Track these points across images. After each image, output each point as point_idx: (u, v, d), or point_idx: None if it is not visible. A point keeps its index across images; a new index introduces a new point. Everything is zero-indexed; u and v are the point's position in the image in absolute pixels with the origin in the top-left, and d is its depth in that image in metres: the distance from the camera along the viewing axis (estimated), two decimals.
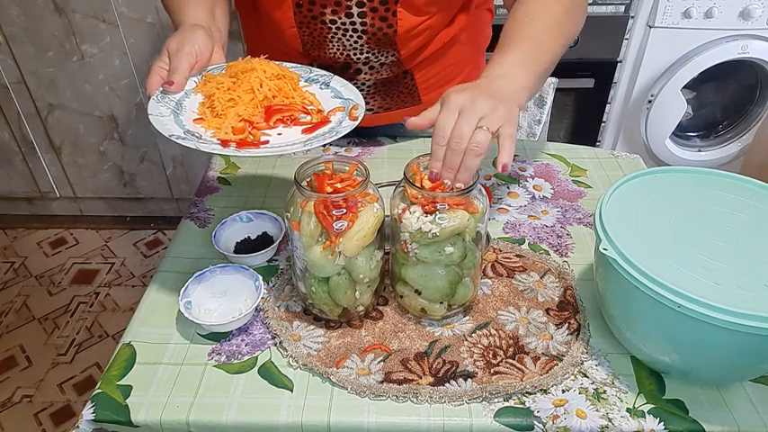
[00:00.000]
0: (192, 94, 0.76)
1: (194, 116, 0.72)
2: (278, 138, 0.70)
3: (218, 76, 0.76)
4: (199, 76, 0.78)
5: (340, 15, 0.86)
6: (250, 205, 0.93)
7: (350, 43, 0.90)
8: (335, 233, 0.65)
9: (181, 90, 0.75)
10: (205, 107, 0.73)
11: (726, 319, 0.54)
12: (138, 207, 2.29)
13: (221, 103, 0.72)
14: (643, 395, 0.65)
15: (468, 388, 0.65)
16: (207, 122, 0.71)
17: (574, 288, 0.78)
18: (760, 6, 1.68)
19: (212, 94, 0.73)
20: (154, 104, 0.72)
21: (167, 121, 0.69)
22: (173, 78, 0.73)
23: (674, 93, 1.83)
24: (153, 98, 0.73)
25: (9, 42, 1.85)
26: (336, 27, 0.88)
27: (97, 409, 0.64)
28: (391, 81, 0.98)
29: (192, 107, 0.74)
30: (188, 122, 0.71)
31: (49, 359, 1.75)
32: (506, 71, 0.73)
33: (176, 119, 0.71)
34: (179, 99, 0.74)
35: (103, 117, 2.01)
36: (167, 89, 0.74)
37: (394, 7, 0.84)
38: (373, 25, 0.87)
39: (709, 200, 0.69)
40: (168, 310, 0.76)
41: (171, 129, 0.68)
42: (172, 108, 0.72)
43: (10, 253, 2.15)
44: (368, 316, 0.75)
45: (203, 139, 0.67)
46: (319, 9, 0.86)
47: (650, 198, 0.70)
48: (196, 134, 0.69)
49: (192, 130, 0.69)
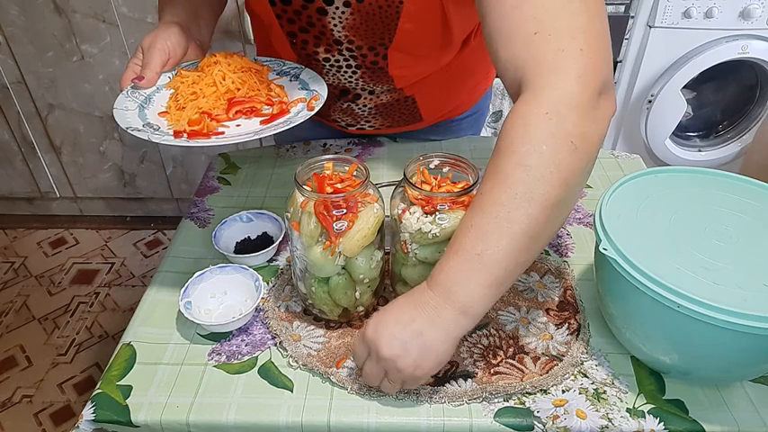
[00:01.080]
0: (164, 89, 0.78)
1: (161, 110, 0.75)
2: (235, 129, 0.72)
3: (188, 72, 0.78)
4: (173, 72, 0.79)
5: (333, 54, 0.85)
6: (250, 205, 0.93)
7: (345, 77, 0.89)
8: (335, 233, 0.65)
9: (151, 85, 0.77)
10: (171, 101, 0.75)
11: (726, 319, 0.54)
12: (138, 207, 2.29)
13: (184, 97, 0.74)
14: (643, 395, 0.65)
15: (469, 388, 0.65)
16: (170, 116, 0.73)
17: (574, 288, 0.78)
18: (760, 6, 1.68)
19: (177, 87, 0.76)
20: (122, 98, 0.75)
21: (129, 115, 0.72)
22: (143, 74, 0.75)
23: (674, 93, 1.82)
24: (122, 93, 0.76)
25: (9, 42, 1.85)
26: (330, 64, 0.87)
27: (97, 409, 0.64)
28: (392, 104, 0.97)
29: (161, 101, 0.76)
30: (151, 116, 0.73)
31: (49, 359, 1.75)
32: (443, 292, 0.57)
33: (140, 113, 0.73)
34: (149, 94, 0.77)
35: (103, 117, 2.01)
36: (137, 84, 0.76)
37: (384, 51, 0.83)
38: (365, 65, 0.86)
39: (709, 200, 0.69)
40: (168, 310, 0.76)
41: (131, 122, 0.70)
42: (139, 102, 0.75)
43: (10, 253, 2.15)
44: (368, 316, 0.75)
45: (158, 132, 0.69)
46: (312, 48, 0.85)
47: (650, 198, 0.70)
48: (154, 126, 0.70)
49: (151, 122, 0.71)
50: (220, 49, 1.01)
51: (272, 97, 0.77)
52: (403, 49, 0.82)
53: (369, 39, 0.81)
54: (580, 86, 0.55)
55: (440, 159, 0.71)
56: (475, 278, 0.55)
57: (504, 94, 1.80)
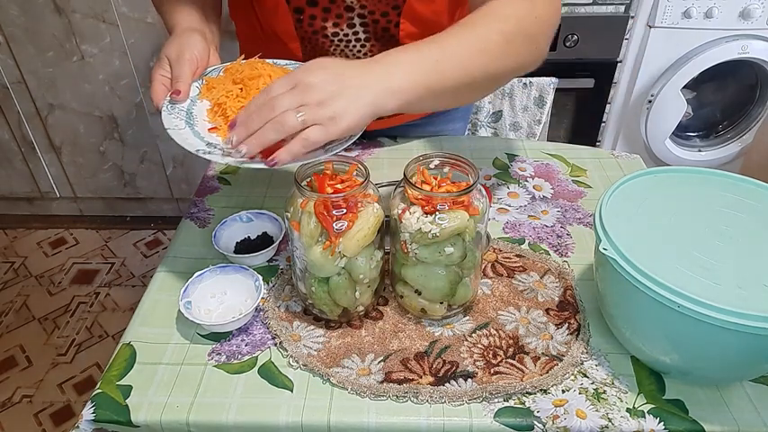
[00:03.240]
0: (198, 101, 0.75)
1: (207, 125, 0.72)
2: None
3: (222, 82, 0.75)
4: (200, 81, 0.77)
5: (342, 27, 0.85)
6: (250, 205, 0.93)
7: (352, 53, 0.89)
8: (335, 233, 0.65)
9: (187, 98, 0.74)
10: (217, 116, 0.72)
11: (726, 319, 0.54)
12: (138, 207, 2.29)
13: (234, 112, 0.71)
14: (643, 395, 0.65)
15: (469, 388, 0.65)
16: (222, 131, 0.71)
17: (574, 288, 0.78)
18: (760, 6, 1.68)
19: (222, 102, 0.73)
20: (167, 117, 0.71)
21: (186, 134, 0.69)
22: (179, 87, 0.72)
23: (674, 93, 1.83)
24: (164, 110, 0.72)
25: (9, 42, 1.85)
26: (339, 39, 0.87)
27: (97, 409, 0.64)
28: None
29: (201, 116, 0.73)
30: (204, 133, 0.70)
31: (49, 359, 1.75)
32: (390, 62, 0.64)
33: (193, 130, 0.70)
34: (188, 107, 0.74)
35: (103, 117, 2.01)
36: (174, 99, 0.73)
37: (396, 18, 0.84)
38: (376, 34, 0.86)
39: (709, 200, 0.69)
40: (168, 310, 0.76)
41: (194, 144, 0.67)
42: (185, 119, 0.72)
43: (10, 253, 2.15)
44: (368, 316, 0.75)
45: (226, 151, 0.66)
46: (320, 23, 0.84)
47: (650, 198, 0.70)
48: (217, 146, 0.68)
49: (212, 142, 0.68)
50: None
51: None
52: (415, 15, 0.82)
53: (382, 2, 0.81)
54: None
55: (440, 159, 0.71)
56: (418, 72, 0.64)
57: (503, 94, 1.80)
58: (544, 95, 1.78)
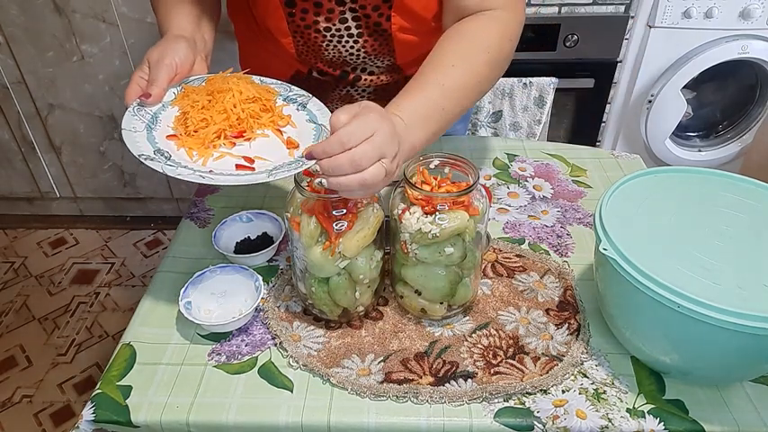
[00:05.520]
0: (170, 106, 0.75)
1: (168, 131, 0.71)
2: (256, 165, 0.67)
3: (196, 92, 0.75)
4: (178, 88, 0.76)
5: (334, 22, 0.85)
6: (250, 205, 0.93)
7: (345, 49, 0.89)
8: (335, 234, 0.65)
9: (158, 102, 0.74)
10: (179, 123, 0.72)
11: (726, 319, 0.54)
12: (138, 207, 2.29)
13: (194, 123, 0.71)
14: (643, 395, 0.65)
15: (469, 388, 0.65)
16: (180, 141, 0.69)
17: (574, 288, 0.78)
18: (760, 6, 1.68)
19: (187, 111, 0.72)
20: (129, 117, 0.71)
21: (139, 138, 0.68)
22: (150, 90, 0.72)
23: (674, 93, 1.82)
24: (129, 110, 0.72)
25: (9, 42, 1.85)
26: (331, 34, 0.87)
27: (97, 409, 0.64)
28: (392, 87, 0.97)
29: (167, 121, 0.72)
30: (160, 139, 0.69)
31: (49, 359, 1.75)
32: (408, 120, 0.68)
33: (149, 134, 0.69)
34: (155, 111, 0.73)
35: (103, 117, 2.01)
36: (144, 101, 0.73)
37: (387, 12, 0.84)
38: (368, 29, 0.86)
39: (709, 200, 0.69)
40: (168, 310, 0.76)
41: (141, 147, 0.67)
42: (147, 122, 0.71)
43: (10, 253, 2.15)
44: (368, 316, 0.75)
45: (171, 161, 0.66)
46: (312, 17, 0.85)
47: (650, 198, 0.70)
48: (165, 153, 0.67)
49: (161, 148, 0.68)
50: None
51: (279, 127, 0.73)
52: (405, 8, 0.83)
53: None
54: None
55: (440, 159, 0.71)
56: (432, 125, 0.72)
57: (504, 94, 1.80)
58: (544, 95, 1.78)
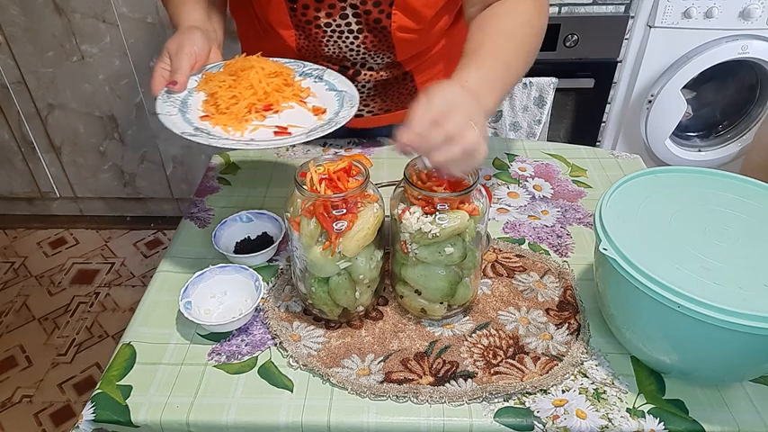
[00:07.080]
0: (195, 92, 0.80)
1: (200, 113, 0.76)
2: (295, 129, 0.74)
3: (219, 75, 0.80)
4: (199, 75, 0.81)
5: (335, 18, 0.86)
6: (250, 205, 0.93)
7: (345, 45, 0.90)
8: (335, 234, 0.65)
9: (184, 89, 0.78)
10: (209, 105, 0.77)
11: (726, 319, 0.54)
12: (138, 207, 2.29)
13: (224, 101, 0.75)
14: (643, 395, 0.65)
15: (469, 388, 0.65)
16: (214, 119, 0.74)
17: (574, 288, 0.78)
18: (760, 6, 1.68)
19: (215, 92, 0.77)
20: (161, 104, 0.76)
21: (176, 120, 0.73)
22: (176, 78, 0.77)
23: (674, 93, 1.82)
24: (159, 98, 0.77)
25: (9, 42, 1.85)
26: (332, 30, 0.88)
27: (97, 409, 0.64)
28: (391, 83, 0.98)
29: (196, 105, 0.77)
30: (195, 120, 0.75)
31: (49, 359, 1.75)
32: (475, 87, 0.70)
33: (184, 117, 0.74)
34: (183, 98, 0.78)
35: (103, 117, 2.01)
36: (171, 89, 0.78)
37: (388, 9, 0.84)
38: (368, 25, 0.87)
39: (709, 200, 0.69)
40: (168, 310, 0.76)
41: (181, 126, 0.72)
42: (178, 107, 0.76)
43: (10, 253, 2.15)
44: (368, 316, 0.75)
45: (212, 135, 0.71)
46: (313, 13, 0.86)
47: (650, 198, 0.70)
48: (204, 130, 0.72)
49: (200, 127, 0.73)
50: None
51: (302, 98, 0.79)
52: (407, 7, 0.84)
53: None
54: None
55: None
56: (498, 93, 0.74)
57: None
58: (544, 95, 1.78)
